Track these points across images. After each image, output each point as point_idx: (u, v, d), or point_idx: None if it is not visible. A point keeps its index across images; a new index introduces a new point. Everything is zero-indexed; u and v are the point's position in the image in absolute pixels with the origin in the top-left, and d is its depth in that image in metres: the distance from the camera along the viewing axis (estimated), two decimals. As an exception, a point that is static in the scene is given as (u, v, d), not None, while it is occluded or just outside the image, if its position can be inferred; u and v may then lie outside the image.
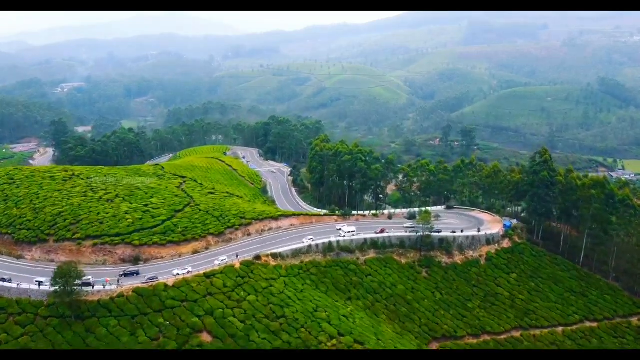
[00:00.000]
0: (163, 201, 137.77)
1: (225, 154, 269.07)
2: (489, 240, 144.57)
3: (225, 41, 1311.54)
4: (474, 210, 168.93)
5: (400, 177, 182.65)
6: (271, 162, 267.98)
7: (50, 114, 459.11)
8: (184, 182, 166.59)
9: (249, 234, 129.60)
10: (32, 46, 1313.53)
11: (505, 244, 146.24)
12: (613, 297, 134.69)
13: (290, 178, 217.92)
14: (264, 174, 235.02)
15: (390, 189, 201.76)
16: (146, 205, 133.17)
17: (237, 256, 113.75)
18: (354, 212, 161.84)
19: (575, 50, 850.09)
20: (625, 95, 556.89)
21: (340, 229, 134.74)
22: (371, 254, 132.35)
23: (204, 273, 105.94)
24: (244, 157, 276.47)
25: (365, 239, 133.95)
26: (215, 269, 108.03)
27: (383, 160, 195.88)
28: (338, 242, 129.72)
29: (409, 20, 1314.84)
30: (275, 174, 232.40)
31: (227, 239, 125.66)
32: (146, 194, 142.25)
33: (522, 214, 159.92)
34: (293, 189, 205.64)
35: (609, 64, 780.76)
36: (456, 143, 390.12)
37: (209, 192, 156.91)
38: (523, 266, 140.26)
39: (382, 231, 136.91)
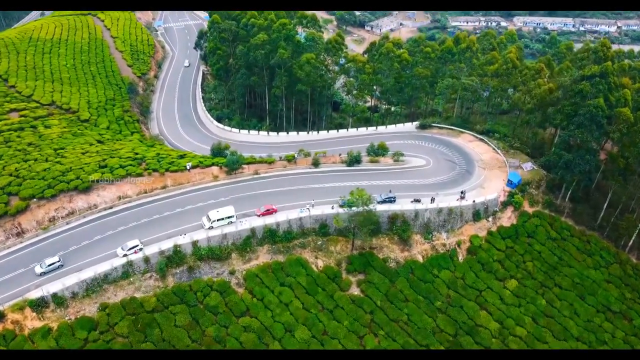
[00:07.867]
0: None
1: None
2: (479, 214, 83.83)
3: None
4: (462, 133, 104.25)
5: (353, 71, 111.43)
6: (197, 13, 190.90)
7: None
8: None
9: (20, 234, 67.70)
10: None
11: (507, 218, 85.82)
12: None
13: (200, 53, 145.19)
14: (173, 34, 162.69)
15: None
16: None
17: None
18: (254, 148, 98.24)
19: None
20: None
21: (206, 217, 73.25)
22: (261, 257, 73.06)
23: None
24: None
25: (253, 228, 73.44)
26: None
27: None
28: (195, 243, 69.32)
29: None
30: (193, 34, 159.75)
31: (-39, 257, 64.57)
32: None
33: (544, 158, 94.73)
34: (201, 73, 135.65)
35: None
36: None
37: (11, 110, 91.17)
38: (531, 263, 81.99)
39: (268, 212, 75.75)
